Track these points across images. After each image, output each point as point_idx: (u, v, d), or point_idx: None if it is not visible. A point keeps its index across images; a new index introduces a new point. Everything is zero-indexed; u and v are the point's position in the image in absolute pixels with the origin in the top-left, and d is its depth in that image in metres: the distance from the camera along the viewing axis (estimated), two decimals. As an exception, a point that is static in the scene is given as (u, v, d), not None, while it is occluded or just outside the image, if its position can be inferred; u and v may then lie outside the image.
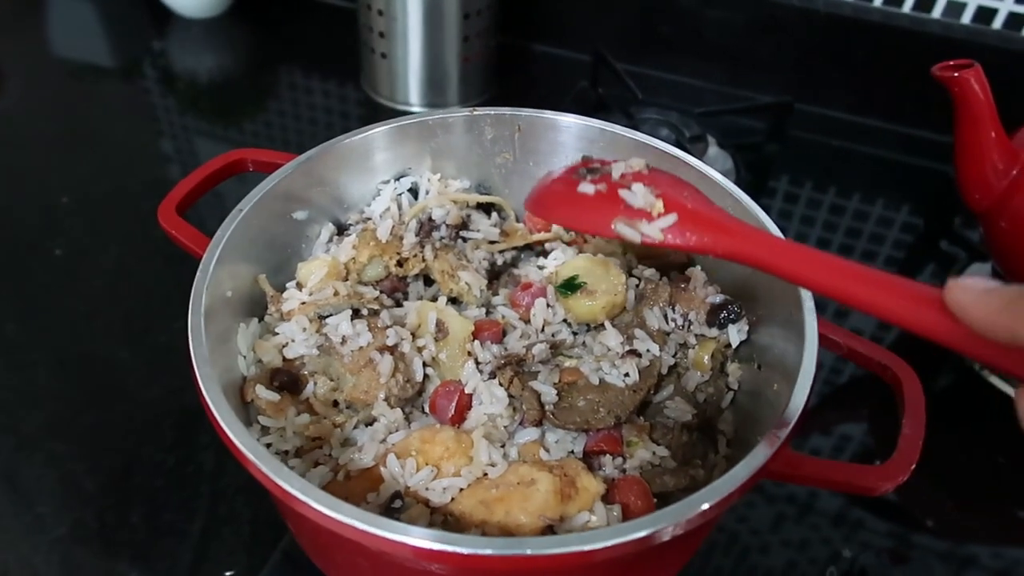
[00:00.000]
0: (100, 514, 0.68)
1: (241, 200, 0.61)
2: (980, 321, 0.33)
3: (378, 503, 0.50)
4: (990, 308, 0.33)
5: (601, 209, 0.48)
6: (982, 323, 0.33)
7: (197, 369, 0.49)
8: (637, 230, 0.47)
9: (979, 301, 0.33)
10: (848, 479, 0.47)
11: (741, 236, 0.46)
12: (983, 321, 0.33)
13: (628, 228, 0.47)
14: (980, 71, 0.75)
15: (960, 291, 0.34)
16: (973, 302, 0.33)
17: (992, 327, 0.33)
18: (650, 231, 0.46)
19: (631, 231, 0.47)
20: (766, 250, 0.44)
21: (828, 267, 0.41)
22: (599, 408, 0.56)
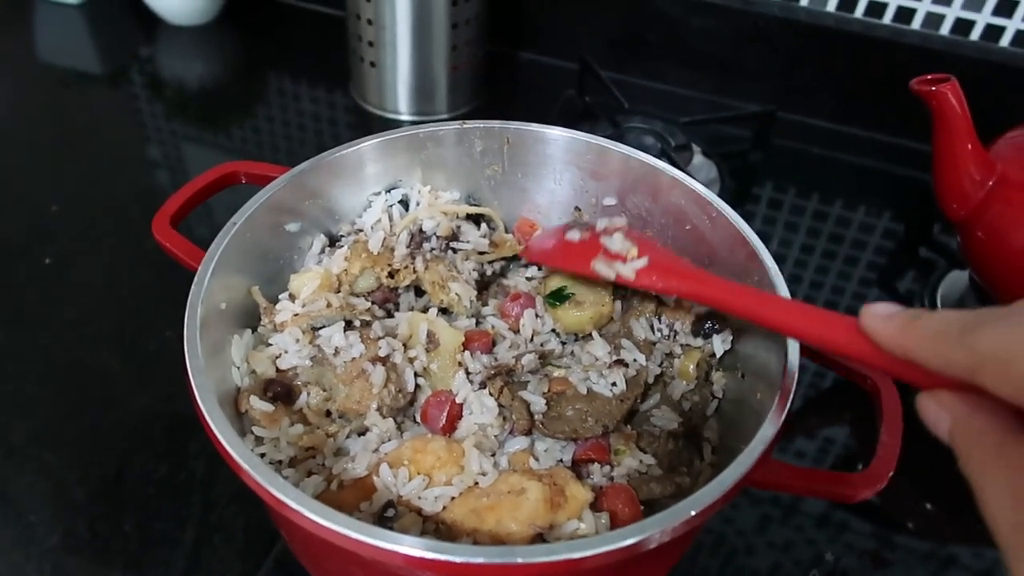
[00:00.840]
0: (92, 523, 0.69)
1: (232, 211, 0.61)
2: (884, 341, 0.38)
3: (371, 512, 0.51)
4: (890, 330, 0.38)
5: (583, 252, 0.59)
6: (885, 343, 0.38)
7: (193, 380, 0.49)
8: (613, 269, 0.56)
9: (882, 324, 0.39)
10: (828, 487, 0.49)
11: (700, 281, 0.54)
12: (886, 341, 0.38)
13: (605, 267, 0.57)
14: (957, 85, 0.77)
15: (869, 317, 0.39)
16: (879, 325, 0.39)
17: (891, 345, 0.38)
18: (624, 271, 0.56)
19: (607, 269, 0.56)
20: (720, 292, 0.52)
21: (773, 306, 0.49)
22: (587, 417, 0.57)
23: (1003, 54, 1.08)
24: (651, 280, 0.55)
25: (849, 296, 0.97)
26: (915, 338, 0.36)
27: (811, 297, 0.96)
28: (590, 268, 0.57)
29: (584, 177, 0.72)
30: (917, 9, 1.10)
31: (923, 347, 0.36)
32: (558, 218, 0.75)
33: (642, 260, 0.56)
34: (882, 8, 1.12)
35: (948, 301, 0.91)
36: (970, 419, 0.35)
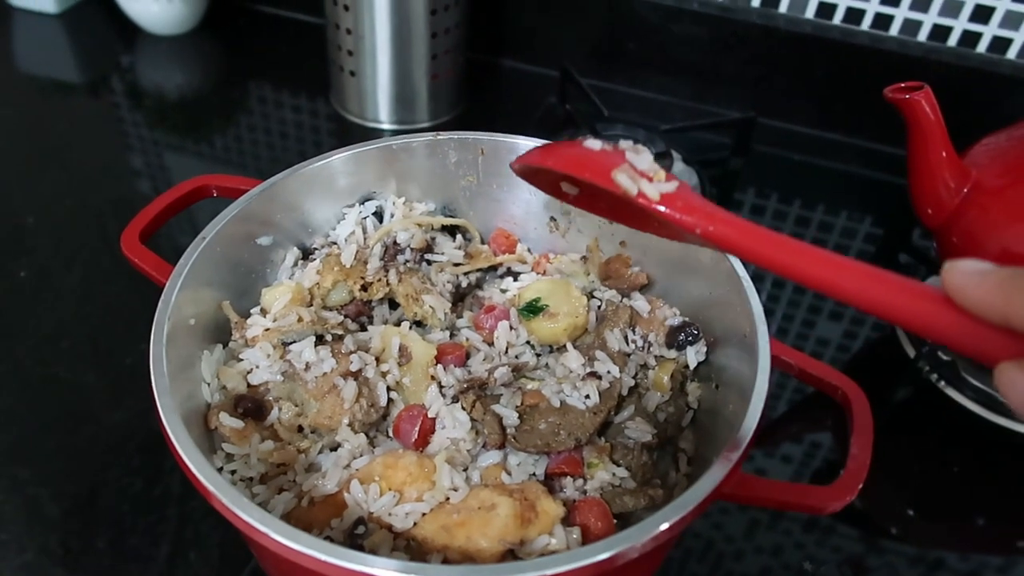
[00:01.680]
0: (65, 540, 0.68)
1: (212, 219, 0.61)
2: (976, 301, 0.33)
3: (342, 529, 0.51)
4: (986, 287, 0.33)
5: (604, 159, 0.48)
6: (978, 303, 0.33)
7: (158, 400, 0.49)
8: (636, 184, 0.46)
9: (976, 281, 0.33)
10: (798, 500, 0.49)
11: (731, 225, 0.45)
12: (979, 301, 0.33)
13: (628, 179, 0.46)
14: (930, 93, 0.77)
15: (958, 273, 0.34)
16: (970, 283, 0.33)
17: (983, 307, 0.33)
18: (649, 190, 0.46)
19: (630, 182, 0.46)
20: (753, 241, 0.44)
21: (820, 261, 0.41)
22: (560, 431, 0.57)
23: (980, 60, 1.09)
24: (676, 207, 0.46)
25: (831, 303, 0.97)
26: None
27: (795, 301, 0.96)
28: (610, 177, 0.47)
29: (560, 187, 0.72)
30: (895, 16, 1.10)
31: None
32: (534, 228, 0.75)
33: (671, 184, 0.47)
34: (860, 15, 1.12)
35: (927, 307, 0.91)
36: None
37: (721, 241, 0.45)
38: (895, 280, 0.38)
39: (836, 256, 0.41)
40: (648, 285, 0.69)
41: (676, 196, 0.46)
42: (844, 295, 0.40)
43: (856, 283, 0.39)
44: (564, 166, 0.51)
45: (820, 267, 0.41)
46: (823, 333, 0.92)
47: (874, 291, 0.38)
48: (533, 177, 0.58)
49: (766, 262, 0.43)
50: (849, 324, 0.94)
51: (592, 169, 0.49)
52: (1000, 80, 1.08)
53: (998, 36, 1.07)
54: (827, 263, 0.41)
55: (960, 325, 0.34)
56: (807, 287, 0.42)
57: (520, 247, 0.73)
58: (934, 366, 0.83)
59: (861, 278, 0.39)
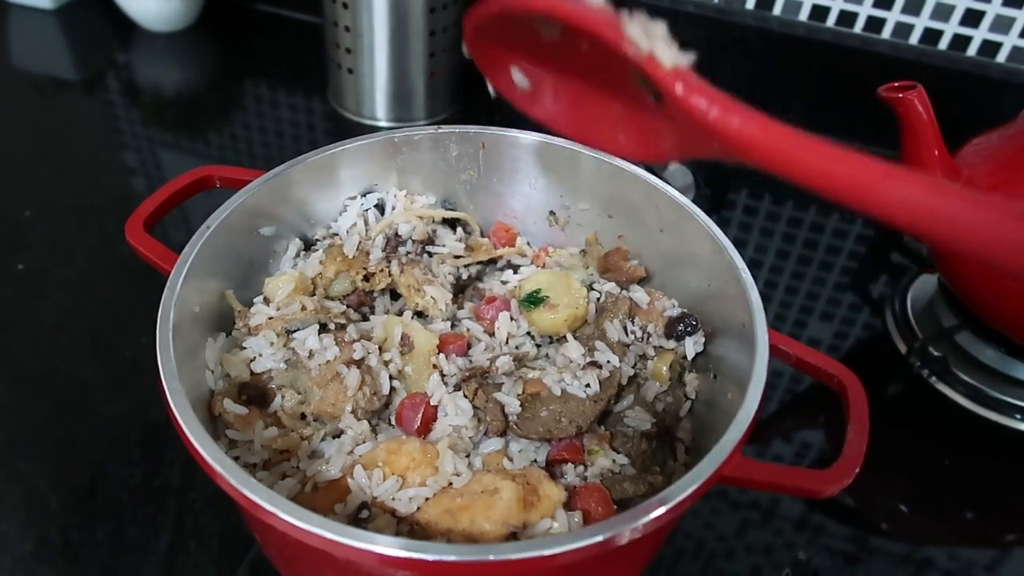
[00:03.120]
0: (65, 531, 0.68)
1: (206, 215, 0.61)
2: None
3: (345, 514, 0.51)
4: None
5: (609, 12, 0.39)
6: None
7: (165, 383, 0.49)
8: (650, 43, 0.38)
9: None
10: (796, 483, 0.50)
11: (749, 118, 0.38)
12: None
13: (642, 35, 0.38)
14: (923, 92, 0.79)
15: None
16: None
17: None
18: (663, 53, 0.38)
19: (643, 38, 0.38)
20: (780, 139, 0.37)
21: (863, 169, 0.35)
22: (561, 418, 0.57)
23: (970, 63, 1.11)
24: (689, 85, 0.38)
25: (824, 301, 0.98)
26: None
27: (787, 302, 0.97)
28: (619, 29, 0.38)
29: (559, 182, 0.73)
30: (887, 19, 1.12)
31: None
32: (533, 222, 0.76)
33: (687, 56, 0.39)
34: (853, 17, 1.14)
35: (918, 304, 0.92)
36: None
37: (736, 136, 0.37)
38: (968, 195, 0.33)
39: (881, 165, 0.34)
40: (647, 278, 0.70)
41: (689, 72, 0.38)
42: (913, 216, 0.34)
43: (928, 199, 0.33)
44: (557, 11, 0.40)
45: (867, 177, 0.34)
46: (815, 332, 0.93)
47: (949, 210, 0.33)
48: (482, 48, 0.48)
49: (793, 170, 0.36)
50: (840, 323, 0.95)
51: (595, 18, 0.39)
52: (990, 83, 1.10)
53: (988, 40, 1.09)
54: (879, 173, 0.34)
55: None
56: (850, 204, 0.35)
57: (520, 240, 0.74)
58: (925, 362, 0.85)
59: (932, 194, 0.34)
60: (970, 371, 0.84)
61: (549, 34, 0.44)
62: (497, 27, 0.44)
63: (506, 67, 0.47)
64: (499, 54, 0.47)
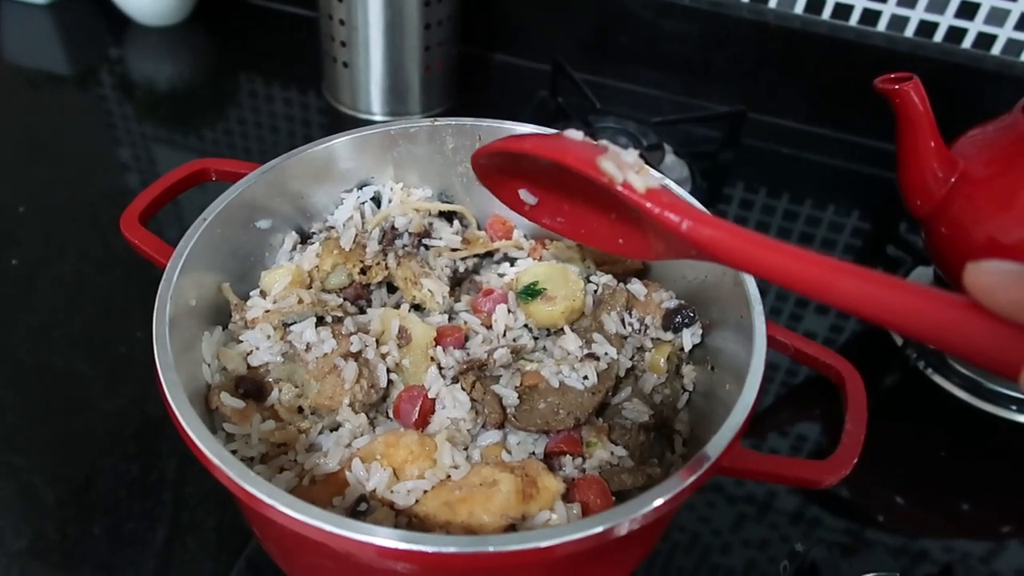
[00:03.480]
0: (61, 526, 0.68)
1: (202, 209, 0.61)
2: (1008, 303, 0.30)
3: (343, 507, 0.51)
4: (1020, 287, 0.30)
5: (587, 148, 0.46)
6: (1010, 305, 0.30)
7: (162, 377, 0.49)
8: (622, 172, 0.44)
9: (1006, 281, 0.30)
10: (795, 473, 0.50)
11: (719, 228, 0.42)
12: (1011, 302, 0.30)
13: (614, 167, 0.44)
14: (919, 83, 0.79)
15: (984, 274, 0.31)
16: (1000, 283, 0.30)
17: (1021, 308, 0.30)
18: (636, 181, 0.43)
19: (616, 170, 0.44)
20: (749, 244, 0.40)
21: (821, 267, 0.37)
22: (559, 410, 0.57)
23: (965, 55, 1.11)
24: (662, 203, 0.42)
25: (818, 293, 0.98)
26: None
27: (783, 294, 0.98)
28: (595, 164, 0.44)
29: (556, 174, 0.73)
30: (882, 11, 1.12)
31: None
32: (530, 216, 0.76)
33: (656, 180, 0.44)
34: (848, 10, 1.14)
35: (914, 296, 0.93)
36: None
37: (709, 243, 0.41)
38: (907, 286, 0.34)
39: (839, 262, 0.37)
40: (644, 270, 0.70)
41: (661, 192, 0.44)
42: (849, 304, 0.36)
43: (863, 290, 0.35)
44: (543, 151, 0.47)
45: (821, 272, 0.37)
46: (810, 324, 0.94)
47: (884, 299, 0.35)
48: (492, 177, 0.55)
49: (758, 268, 0.40)
50: (836, 317, 0.95)
51: (575, 155, 0.45)
52: (984, 76, 1.10)
53: (983, 32, 1.09)
54: (830, 269, 0.37)
55: (987, 332, 0.31)
56: (808, 296, 0.38)
57: (516, 233, 0.74)
58: (921, 353, 0.85)
59: (868, 284, 0.35)
60: (966, 363, 0.84)
61: (544, 163, 0.49)
62: (500, 160, 0.52)
63: (514, 189, 0.54)
64: (506, 178, 0.54)
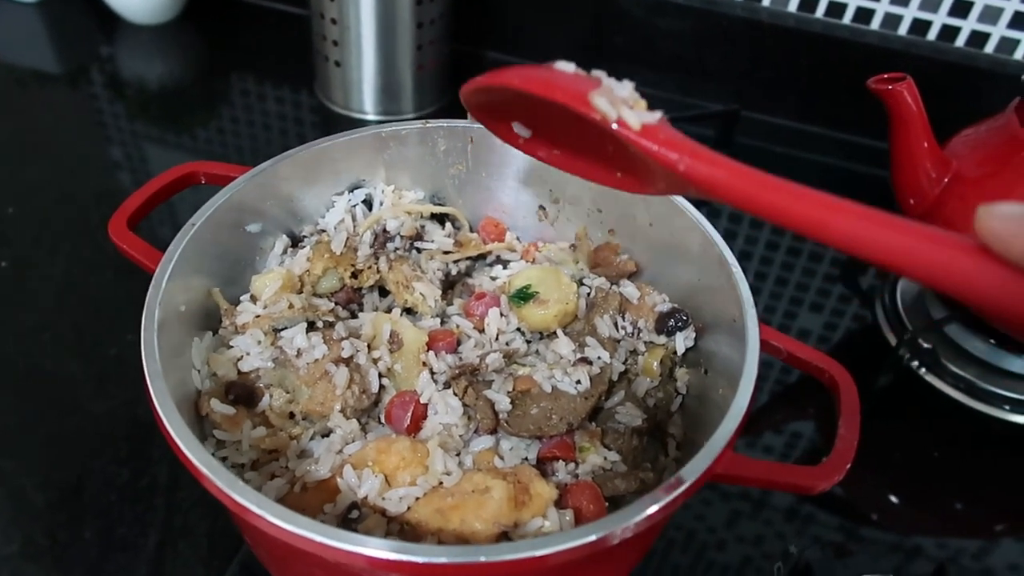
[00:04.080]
0: (51, 531, 0.67)
1: (194, 208, 0.61)
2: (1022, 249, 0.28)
3: (335, 514, 0.51)
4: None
5: (578, 82, 0.43)
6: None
7: (151, 384, 0.49)
8: (616, 109, 0.41)
9: (1021, 227, 0.28)
10: (788, 479, 0.49)
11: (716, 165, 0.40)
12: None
13: (607, 103, 0.41)
14: (912, 84, 0.79)
15: (998, 219, 0.29)
16: (1016, 230, 0.28)
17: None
18: (630, 117, 0.41)
19: (609, 107, 0.41)
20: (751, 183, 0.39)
21: (830, 208, 0.35)
22: (552, 415, 0.57)
23: (958, 54, 1.11)
24: (658, 140, 0.40)
25: (813, 292, 0.98)
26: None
27: (776, 294, 0.97)
28: (586, 99, 0.41)
29: (548, 176, 0.72)
30: (876, 10, 1.12)
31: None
32: (523, 217, 0.75)
33: (655, 114, 0.41)
34: (842, 8, 1.13)
35: (907, 297, 0.93)
36: None
37: (707, 181, 0.39)
38: (919, 230, 0.33)
39: (839, 200, 0.35)
40: (637, 272, 0.70)
41: (658, 128, 0.41)
42: (852, 245, 0.34)
43: (873, 232, 0.34)
44: (531, 86, 0.44)
45: (819, 211, 0.35)
46: (804, 323, 0.94)
47: (895, 242, 0.33)
48: (483, 112, 0.52)
49: (756, 206, 0.38)
50: (830, 315, 0.95)
51: (565, 90, 0.42)
52: (978, 74, 1.10)
53: (976, 31, 1.09)
54: (829, 207, 0.35)
55: (999, 279, 0.30)
56: (807, 235, 0.36)
57: (509, 235, 0.74)
58: (915, 353, 0.85)
59: (878, 227, 0.34)
60: (959, 363, 0.84)
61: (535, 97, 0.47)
62: (489, 95, 0.49)
63: (507, 122, 0.51)
64: (498, 112, 0.51)
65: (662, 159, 0.41)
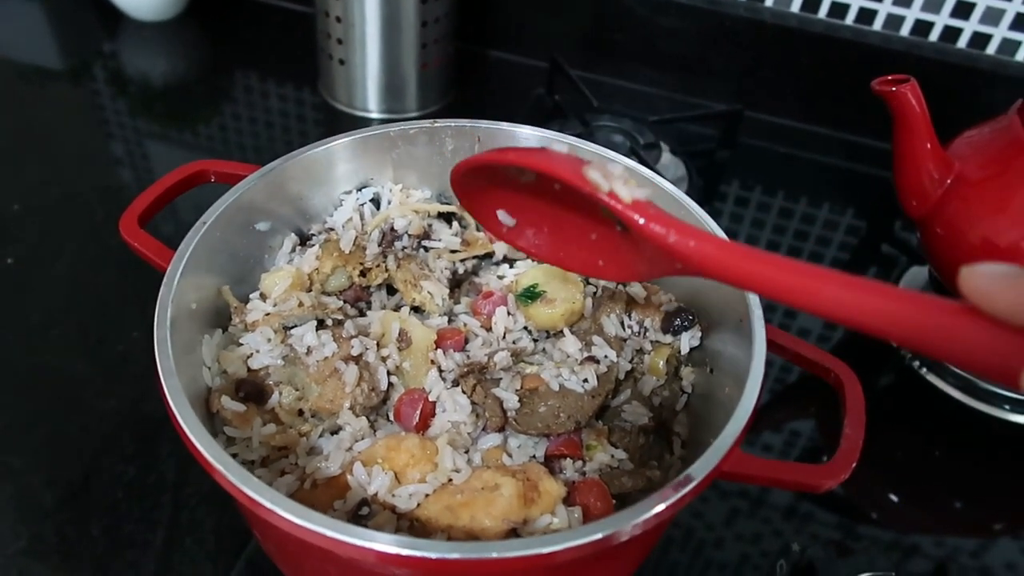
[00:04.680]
0: (59, 528, 0.68)
1: (197, 206, 0.61)
2: (1007, 306, 0.29)
3: (345, 510, 0.52)
4: (1019, 289, 0.29)
5: (572, 160, 0.46)
6: (1009, 307, 0.29)
7: (164, 382, 0.49)
8: (608, 181, 0.43)
9: (1003, 284, 0.29)
10: (794, 478, 0.50)
11: (706, 241, 0.42)
12: (1010, 305, 0.29)
13: (600, 176, 0.43)
14: (916, 85, 0.79)
15: (981, 277, 0.30)
16: (997, 286, 0.30)
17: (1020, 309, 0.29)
18: (622, 191, 0.43)
19: (602, 179, 0.43)
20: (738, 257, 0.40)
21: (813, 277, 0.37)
22: (560, 413, 0.57)
23: (960, 55, 1.11)
24: (648, 215, 0.42)
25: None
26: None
27: (777, 293, 0.98)
28: (580, 173, 0.44)
29: (554, 176, 0.73)
30: (878, 10, 1.12)
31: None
32: (529, 216, 0.75)
33: (645, 191, 0.44)
34: (845, 9, 1.14)
35: (909, 296, 0.93)
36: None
37: (696, 254, 0.41)
38: (898, 293, 0.34)
39: (826, 270, 0.37)
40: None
41: (647, 204, 0.43)
42: (839, 313, 0.36)
43: (851, 298, 0.35)
44: (526, 162, 0.47)
45: (807, 281, 0.37)
46: (804, 322, 0.94)
47: (874, 307, 0.34)
48: (470, 195, 0.55)
49: (745, 280, 0.40)
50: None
51: (560, 165, 0.45)
52: (979, 75, 1.10)
53: (978, 32, 1.10)
54: (816, 277, 0.36)
55: (985, 337, 0.31)
56: (798, 307, 0.38)
57: (515, 235, 0.74)
58: (916, 354, 0.86)
59: (857, 293, 0.35)
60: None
61: (526, 178, 0.50)
62: (481, 176, 0.52)
63: (493, 210, 0.54)
64: (485, 199, 0.54)
65: (649, 232, 0.42)
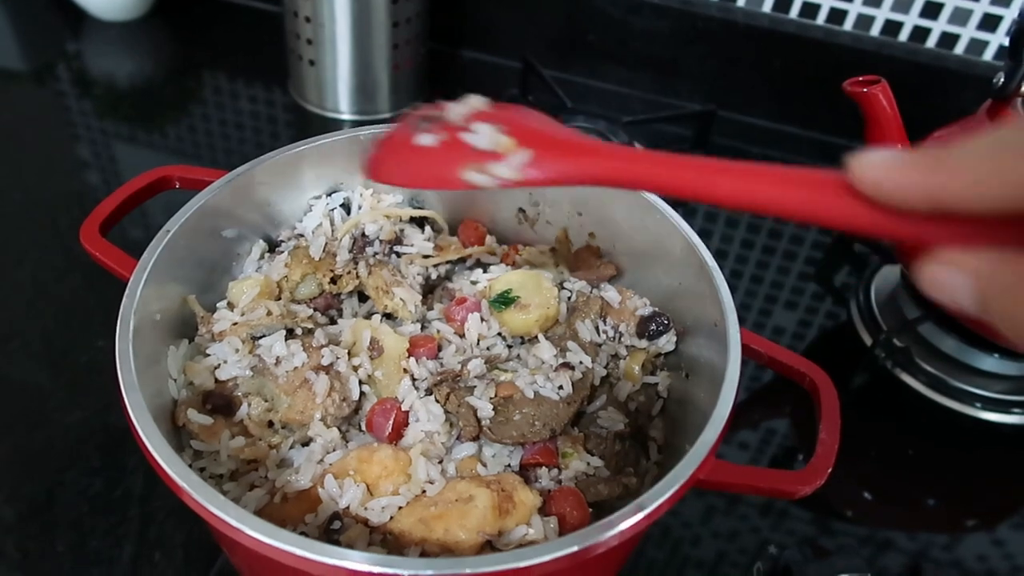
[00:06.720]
0: (22, 544, 0.66)
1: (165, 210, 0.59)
2: (898, 193, 0.30)
3: (316, 525, 0.51)
4: (905, 178, 0.29)
5: (445, 160, 0.45)
6: (900, 195, 0.30)
7: (126, 396, 0.48)
8: (491, 175, 0.43)
9: (891, 173, 0.30)
10: (769, 484, 0.50)
11: (604, 155, 0.42)
12: (901, 193, 0.30)
13: (480, 175, 0.43)
14: (887, 86, 0.80)
15: (869, 168, 0.31)
16: (886, 176, 0.30)
17: (910, 198, 0.30)
18: (505, 172, 0.43)
19: (484, 178, 0.43)
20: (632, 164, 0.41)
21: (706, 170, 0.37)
22: (535, 421, 0.57)
23: (929, 55, 1.12)
24: (543, 173, 0.42)
25: (788, 290, 0.99)
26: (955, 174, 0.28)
27: (752, 291, 0.98)
28: (461, 180, 0.44)
29: (528, 179, 0.72)
30: (849, 11, 1.13)
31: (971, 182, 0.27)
32: (502, 220, 0.75)
33: (524, 153, 0.43)
34: (816, 9, 1.14)
35: (881, 295, 0.94)
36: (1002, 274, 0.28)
37: (609, 176, 0.41)
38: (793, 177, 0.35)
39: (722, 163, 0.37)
40: (618, 275, 0.70)
41: (535, 163, 0.42)
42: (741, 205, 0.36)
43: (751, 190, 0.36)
44: (404, 182, 0.48)
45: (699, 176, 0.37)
46: (779, 321, 0.94)
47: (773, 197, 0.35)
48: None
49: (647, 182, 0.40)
50: (804, 313, 0.96)
51: (436, 176, 0.45)
52: (947, 75, 1.11)
53: (946, 32, 1.11)
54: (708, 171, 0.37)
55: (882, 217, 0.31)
56: (696, 201, 0.39)
57: (489, 239, 0.73)
58: (889, 353, 0.86)
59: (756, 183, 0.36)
60: (932, 360, 0.86)
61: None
62: None
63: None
64: None
65: (556, 182, 0.43)
